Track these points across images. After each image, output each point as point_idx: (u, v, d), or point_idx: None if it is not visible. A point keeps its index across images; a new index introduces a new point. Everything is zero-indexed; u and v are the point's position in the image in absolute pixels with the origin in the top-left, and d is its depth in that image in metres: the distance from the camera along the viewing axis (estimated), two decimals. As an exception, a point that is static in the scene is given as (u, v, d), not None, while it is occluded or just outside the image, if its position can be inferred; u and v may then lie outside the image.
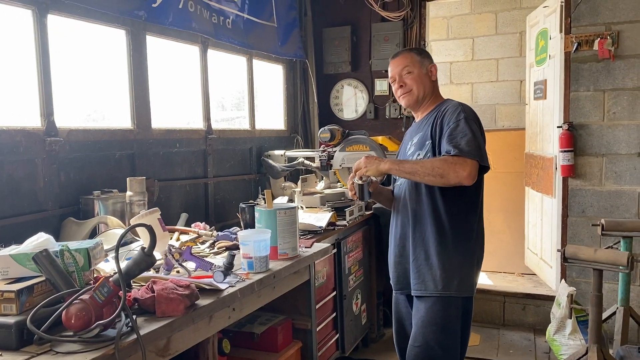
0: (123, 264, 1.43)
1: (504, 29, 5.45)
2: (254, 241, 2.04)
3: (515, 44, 5.44)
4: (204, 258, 2.19)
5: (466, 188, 2.08)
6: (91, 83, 2.65)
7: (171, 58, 3.15)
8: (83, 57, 2.60)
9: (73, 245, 1.54)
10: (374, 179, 2.28)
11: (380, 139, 3.54)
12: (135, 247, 2.13)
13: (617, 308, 3.48)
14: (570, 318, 3.28)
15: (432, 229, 2.18)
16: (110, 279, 1.38)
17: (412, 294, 2.25)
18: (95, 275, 1.68)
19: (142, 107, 2.79)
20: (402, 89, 2.28)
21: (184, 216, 2.80)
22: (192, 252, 2.02)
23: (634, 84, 3.72)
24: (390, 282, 2.41)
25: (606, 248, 3.54)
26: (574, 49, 3.81)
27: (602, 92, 3.80)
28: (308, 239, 2.73)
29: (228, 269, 1.94)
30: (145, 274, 1.85)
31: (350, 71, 4.47)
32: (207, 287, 1.78)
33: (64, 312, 1.35)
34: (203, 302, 1.69)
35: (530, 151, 4.81)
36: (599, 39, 3.74)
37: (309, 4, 4.46)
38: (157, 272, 2.01)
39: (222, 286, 1.84)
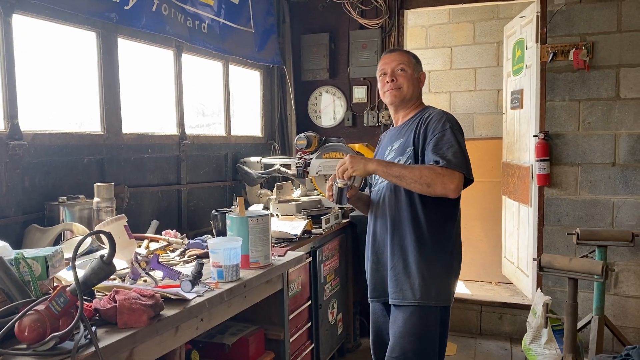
0: (82, 273, 1.37)
1: (481, 38, 5.49)
2: (223, 249, 1.98)
3: (493, 53, 5.48)
4: (173, 267, 2.13)
5: (445, 197, 2.05)
6: (59, 85, 2.57)
7: (144, 62, 3.09)
8: (51, 59, 2.53)
9: (30, 253, 1.47)
10: (355, 184, 2.25)
11: (357, 146, 3.51)
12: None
13: (592, 317, 3.49)
14: (546, 327, 3.27)
15: (411, 236, 2.15)
16: (68, 289, 1.31)
17: (389, 303, 2.21)
18: (54, 285, 1.60)
19: (113, 111, 2.72)
20: (392, 84, 2.24)
21: (154, 223, 2.73)
22: (160, 260, 1.95)
23: (608, 94, 3.76)
24: (367, 290, 2.36)
25: (581, 257, 3.56)
26: (550, 58, 3.84)
27: (577, 102, 3.83)
28: (283, 247, 2.68)
29: (196, 278, 1.87)
30: (108, 283, 1.78)
31: (329, 78, 4.45)
32: (174, 296, 1.72)
33: (17, 324, 1.28)
34: (168, 312, 1.63)
35: (507, 160, 4.83)
36: (574, 49, 3.77)
37: (287, 11, 4.44)
38: (123, 281, 1.94)
39: (189, 296, 1.78)
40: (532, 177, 4.15)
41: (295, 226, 2.96)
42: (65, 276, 1.76)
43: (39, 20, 2.37)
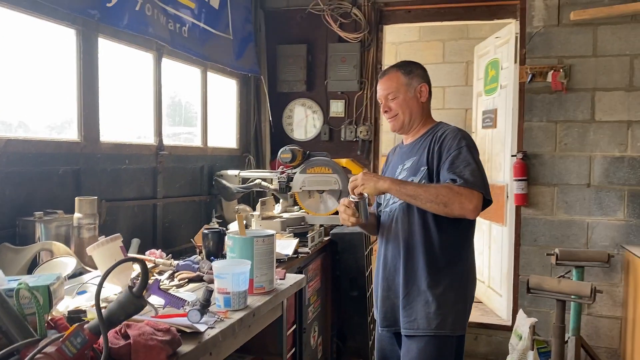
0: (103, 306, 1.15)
1: (451, 57, 5.53)
2: (232, 274, 1.78)
3: (462, 73, 5.53)
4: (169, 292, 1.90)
5: (461, 220, 1.96)
6: (35, 86, 2.30)
7: (123, 65, 2.84)
8: (26, 57, 2.26)
9: (30, 281, 1.23)
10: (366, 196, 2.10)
11: (344, 161, 3.38)
12: (90, 280, 1.81)
13: (569, 337, 3.50)
14: (532, 350, 3.24)
15: (425, 262, 2.03)
16: (86, 326, 1.10)
17: (401, 333, 2.07)
18: (49, 318, 1.36)
19: (91, 118, 2.46)
20: (387, 114, 2.16)
21: (135, 242, 2.48)
22: (161, 286, 1.73)
23: (584, 117, 3.82)
24: (376, 318, 2.22)
25: (558, 277, 3.56)
26: (529, 79, 3.87)
27: (554, 123, 3.88)
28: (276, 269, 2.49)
29: (204, 306, 1.67)
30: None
31: (305, 90, 4.31)
32: (187, 330, 1.51)
33: (22, 372, 1.05)
34: (184, 348, 1.42)
35: (478, 179, 4.84)
36: (552, 71, 3.82)
37: (263, 19, 4.28)
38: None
39: (201, 328, 1.58)
40: (507, 197, 4.17)
41: (286, 245, 2.78)
42: (58, 306, 1.52)
43: (16, 13, 2.10)
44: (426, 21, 4.23)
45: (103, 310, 1.09)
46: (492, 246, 4.54)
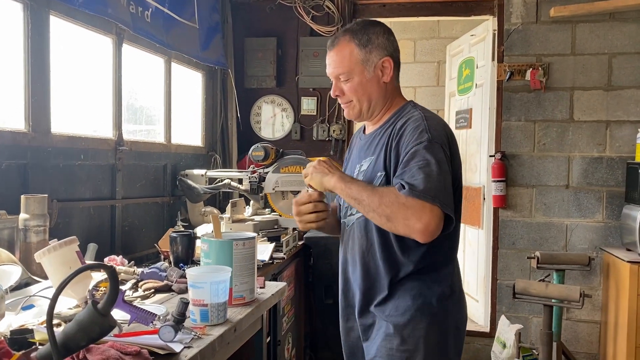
0: (56, 329, 0.88)
1: (422, 57, 5.41)
2: (210, 283, 1.53)
3: (433, 73, 5.42)
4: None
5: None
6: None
7: (78, 49, 2.54)
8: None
9: (-42, 297, 0.95)
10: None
11: (322, 160, 3.16)
12: (38, 292, 1.52)
13: (551, 344, 3.38)
14: (518, 358, 3.09)
15: (388, 288, 1.59)
16: (34, 355, 0.83)
17: None
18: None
19: (41, 105, 2.15)
20: (339, 99, 1.68)
21: (92, 247, 2.18)
22: (126, 298, 1.46)
23: (562, 116, 3.74)
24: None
25: (539, 280, 3.44)
26: (507, 78, 3.76)
27: (533, 123, 3.78)
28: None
29: (179, 321, 1.41)
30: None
31: (275, 87, 4.06)
32: (160, 351, 1.25)
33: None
34: (158, 375, 1.17)
35: (451, 181, 4.71)
36: (531, 69, 3.72)
37: (229, 10, 4.02)
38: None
39: (177, 347, 1.32)
40: (484, 199, 4.04)
41: (262, 250, 2.54)
42: (3, 327, 1.23)
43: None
44: (402, 16, 4.06)
45: (57, 332, 0.83)
46: (466, 250, 4.41)
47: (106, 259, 2.06)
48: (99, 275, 1.94)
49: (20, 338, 1.18)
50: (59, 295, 0.80)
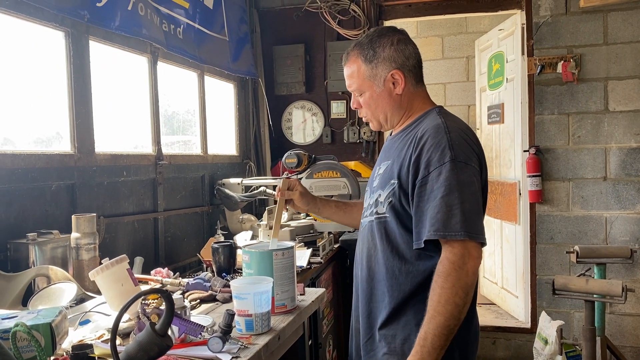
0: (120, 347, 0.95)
1: (450, 53, 5.38)
2: (254, 294, 1.59)
3: (462, 68, 5.39)
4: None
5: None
6: (22, 95, 2.09)
7: (116, 70, 2.64)
8: (11, 62, 2.05)
9: (29, 318, 1.04)
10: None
11: (352, 164, 3.21)
12: (93, 308, 1.61)
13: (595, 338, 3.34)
14: (561, 354, 3.07)
15: (388, 295, 1.56)
16: (100, 375, 0.90)
17: None
18: (53, 358, 1.17)
19: (84, 127, 2.26)
20: (359, 112, 1.70)
21: (139, 260, 2.28)
22: (176, 311, 1.54)
23: (597, 108, 3.68)
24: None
25: (578, 275, 3.40)
26: (538, 71, 3.72)
27: (566, 116, 3.73)
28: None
29: (226, 332, 1.48)
30: (101, 344, 1.35)
31: (304, 92, 4.12)
32: (211, 363, 1.32)
33: None
34: (210, 385, 1.23)
35: (485, 177, 4.68)
36: (562, 61, 3.67)
37: (257, 20, 4.09)
38: (124, 339, 1.51)
39: (224, 358, 1.39)
40: (520, 194, 4.01)
41: (299, 256, 2.59)
42: (66, 342, 1.32)
43: (-2, 14, 1.91)
44: (428, 15, 4.07)
45: (120, 350, 0.90)
46: (504, 246, 4.38)
47: (153, 272, 2.15)
48: (146, 287, 2.03)
49: (82, 353, 1.27)
50: (120, 321, 0.87)
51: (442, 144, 1.46)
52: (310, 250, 2.71)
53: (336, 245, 3.37)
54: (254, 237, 3.01)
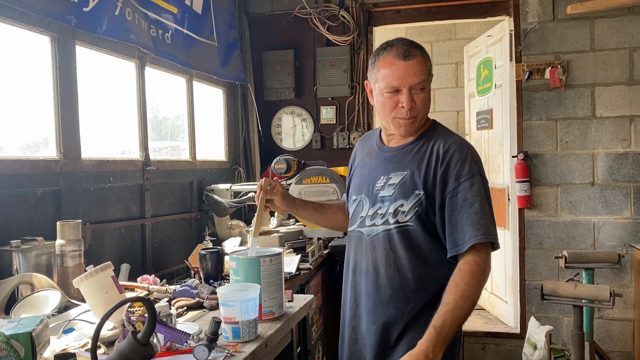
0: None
1: (440, 59, 5.41)
2: (240, 301, 1.58)
3: (452, 74, 5.41)
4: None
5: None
6: (5, 100, 2.07)
7: (103, 75, 2.62)
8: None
9: (8, 328, 1.02)
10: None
11: (342, 169, 3.20)
12: (77, 316, 1.59)
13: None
14: (550, 359, 3.07)
15: (413, 304, 1.64)
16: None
17: None
18: (34, 369, 1.14)
19: (71, 133, 2.24)
20: (409, 112, 1.62)
21: (125, 267, 2.26)
22: (161, 318, 1.52)
23: (584, 113, 3.70)
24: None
25: (566, 280, 3.42)
26: (526, 77, 3.74)
27: (554, 121, 3.75)
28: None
29: (212, 340, 1.47)
30: (81, 351, 1.33)
31: (294, 98, 4.12)
32: (196, 371, 1.31)
33: None
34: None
35: (475, 182, 4.69)
36: (550, 67, 3.70)
37: (247, 25, 4.09)
38: (108, 347, 1.49)
39: (211, 366, 1.38)
40: (509, 199, 4.02)
41: (288, 262, 2.58)
42: (49, 350, 1.29)
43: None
44: (417, 21, 4.08)
45: (101, 363, 0.88)
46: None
47: (139, 279, 2.13)
48: (132, 294, 2.01)
49: (64, 363, 1.25)
50: (100, 330, 0.86)
51: (468, 158, 1.62)
52: (300, 256, 2.70)
53: (326, 251, 3.36)
54: (242, 243, 2.99)
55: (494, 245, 1.59)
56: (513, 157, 3.84)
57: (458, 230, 1.57)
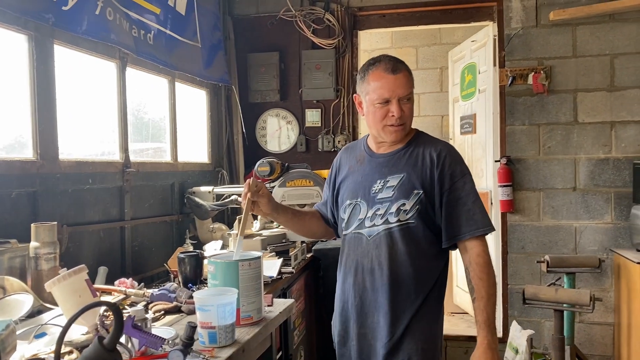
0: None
1: (424, 64, 5.42)
2: (217, 305, 1.56)
3: (436, 79, 5.43)
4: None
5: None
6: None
7: (82, 75, 2.59)
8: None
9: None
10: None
11: (326, 172, 3.17)
12: (50, 320, 1.55)
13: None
14: (531, 363, 3.08)
15: (414, 292, 1.85)
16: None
17: None
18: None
19: (48, 133, 2.20)
20: (397, 119, 1.81)
21: (102, 270, 2.22)
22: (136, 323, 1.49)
23: (567, 119, 3.73)
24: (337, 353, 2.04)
25: (548, 285, 3.44)
26: (510, 82, 3.76)
27: (537, 126, 3.78)
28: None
29: (187, 345, 1.44)
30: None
31: (279, 100, 4.10)
32: (170, 378, 1.28)
33: None
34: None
35: (458, 186, 4.71)
36: (533, 73, 3.72)
37: (231, 27, 4.07)
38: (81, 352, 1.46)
39: (185, 372, 1.35)
40: (492, 203, 4.04)
41: (269, 266, 2.56)
42: (18, 356, 1.26)
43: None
44: (401, 25, 4.09)
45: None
46: (476, 255, 4.39)
47: (117, 282, 2.10)
48: (109, 298, 1.98)
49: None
50: (65, 335, 0.83)
51: (459, 159, 1.88)
52: (282, 260, 2.68)
53: (309, 255, 3.34)
54: (224, 246, 2.97)
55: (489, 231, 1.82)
56: (496, 161, 3.86)
57: (456, 223, 1.79)
